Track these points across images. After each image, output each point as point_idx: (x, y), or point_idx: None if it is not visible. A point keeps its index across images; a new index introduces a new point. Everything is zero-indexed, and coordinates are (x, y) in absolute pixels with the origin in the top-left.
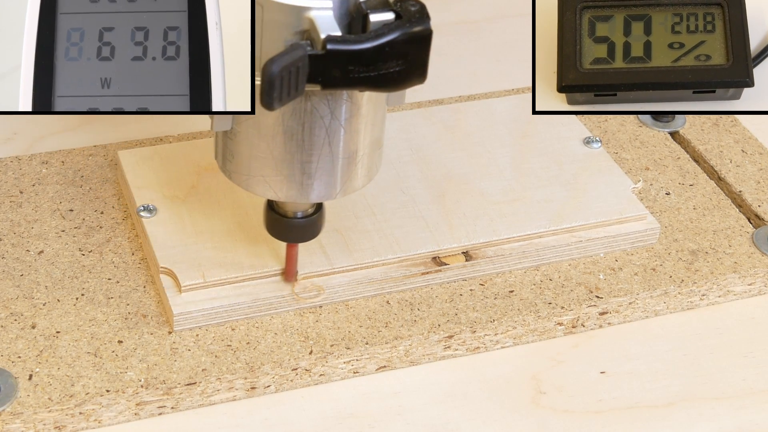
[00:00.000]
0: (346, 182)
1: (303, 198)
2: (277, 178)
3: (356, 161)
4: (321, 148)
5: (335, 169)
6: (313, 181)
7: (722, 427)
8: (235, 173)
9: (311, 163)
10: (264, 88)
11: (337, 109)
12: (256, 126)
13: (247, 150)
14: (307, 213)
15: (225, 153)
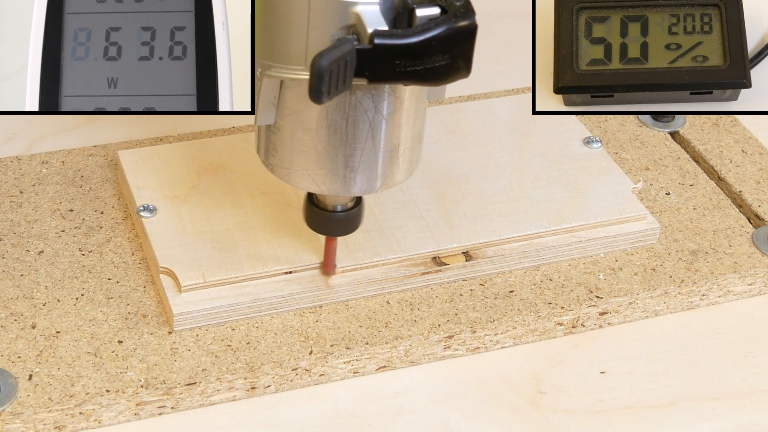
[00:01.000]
0: (387, 176)
1: (345, 191)
2: (320, 171)
3: (398, 155)
4: (364, 141)
5: (378, 162)
6: (356, 174)
7: (722, 427)
8: (278, 167)
9: (354, 156)
10: (313, 81)
11: (381, 103)
12: (301, 120)
13: (291, 144)
14: (347, 207)
15: (268, 147)
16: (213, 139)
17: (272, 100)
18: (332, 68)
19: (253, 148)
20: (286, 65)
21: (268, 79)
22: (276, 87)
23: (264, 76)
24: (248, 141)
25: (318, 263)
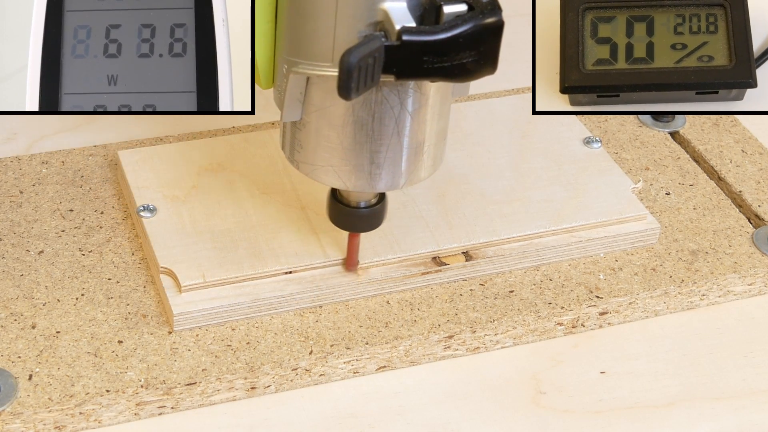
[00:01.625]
0: (412, 172)
1: (370, 187)
2: (345, 167)
3: (423, 151)
4: (390, 138)
5: (403, 159)
6: (381, 170)
7: (722, 427)
8: (303, 163)
9: (380, 152)
10: (342, 78)
11: (407, 99)
12: (327, 116)
13: (317, 140)
14: (371, 203)
15: (293, 143)
16: (213, 139)
17: (298, 96)
18: (361, 65)
19: (254, 148)
20: (313, 62)
21: (295, 75)
22: (302, 83)
23: (290, 73)
24: (248, 141)
25: (318, 263)
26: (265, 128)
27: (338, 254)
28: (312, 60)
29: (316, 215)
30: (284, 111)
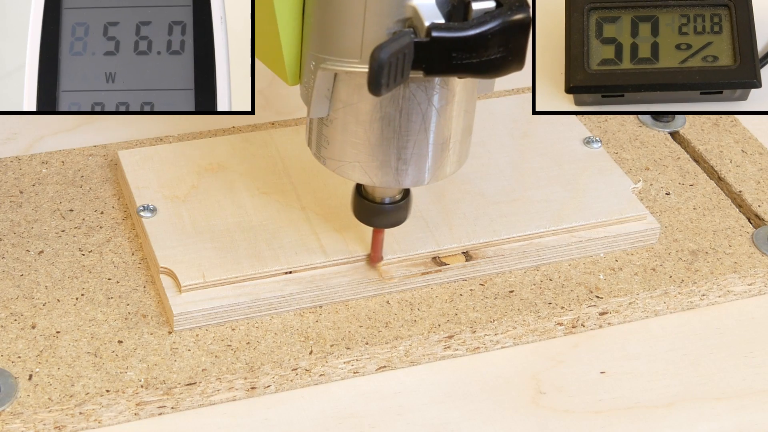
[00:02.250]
0: (438, 168)
1: (397, 183)
2: (372, 163)
3: (449, 147)
4: (417, 134)
5: (429, 155)
6: (407, 166)
7: (722, 427)
8: (330, 159)
9: (407, 149)
10: (372, 74)
11: (434, 95)
12: (354, 112)
13: (343, 136)
14: (395, 199)
15: (319, 139)
16: (213, 139)
17: (326, 92)
18: (391, 61)
19: (254, 148)
20: (341, 58)
21: (323, 72)
22: (330, 80)
23: (318, 69)
24: (248, 141)
25: (318, 263)
26: (265, 128)
27: (338, 254)
28: (340, 56)
29: (316, 215)
30: (311, 107)
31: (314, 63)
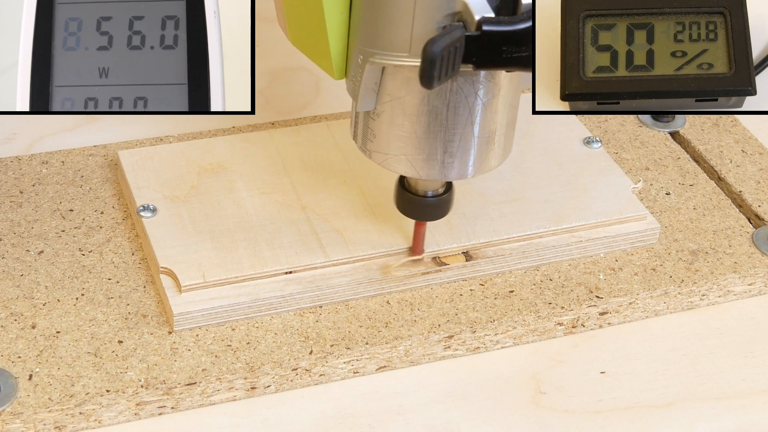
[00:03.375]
0: (483, 162)
1: (442, 176)
2: (418, 156)
3: (494, 141)
4: (464, 127)
5: (474, 148)
6: (453, 160)
7: (722, 427)
8: (376, 152)
9: (453, 142)
10: (425, 67)
11: (481, 89)
12: (401, 106)
13: (390, 129)
14: (438, 192)
15: (365, 133)
16: (213, 139)
17: (373, 86)
18: (443, 54)
19: (254, 148)
20: (390, 52)
21: (371, 65)
22: (378, 74)
23: (366, 63)
24: (248, 141)
25: (318, 263)
26: (265, 128)
27: (338, 255)
28: (389, 50)
29: (316, 215)
30: (359, 101)
31: (362, 57)
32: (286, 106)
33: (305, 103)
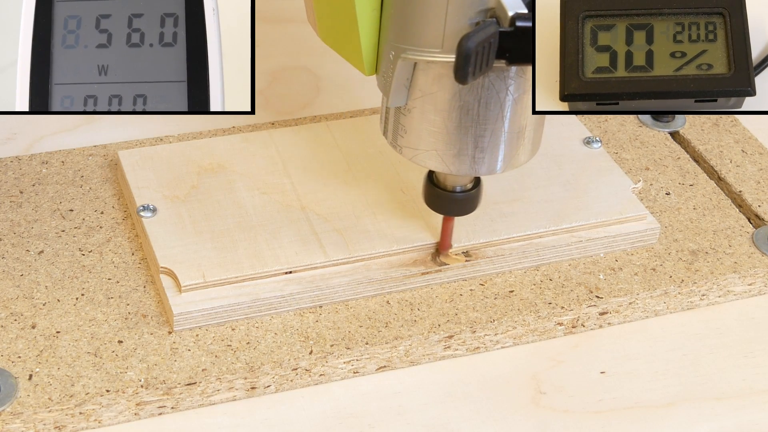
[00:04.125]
0: (513, 157)
1: (472, 171)
2: (449, 152)
3: (524, 136)
4: (495, 122)
5: (505, 143)
6: (484, 155)
7: (722, 427)
8: (406, 148)
9: (484, 137)
10: (459, 63)
11: (512, 84)
12: (433, 101)
13: (421, 125)
14: (466, 188)
15: (396, 128)
16: (213, 139)
17: (405, 82)
18: (477, 50)
19: (254, 148)
20: (422, 48)
21: (403, 61)
22: (409, 70)
23: (398, 59)
24: (248, 141)
25: (318, 263)
26: (265, 128)
27: (338, 255)
28: (421, 46)
29: (316, 215)
30: (390, 96)
31: (393, 53)
32: (286, 106)
33: (305, 103)
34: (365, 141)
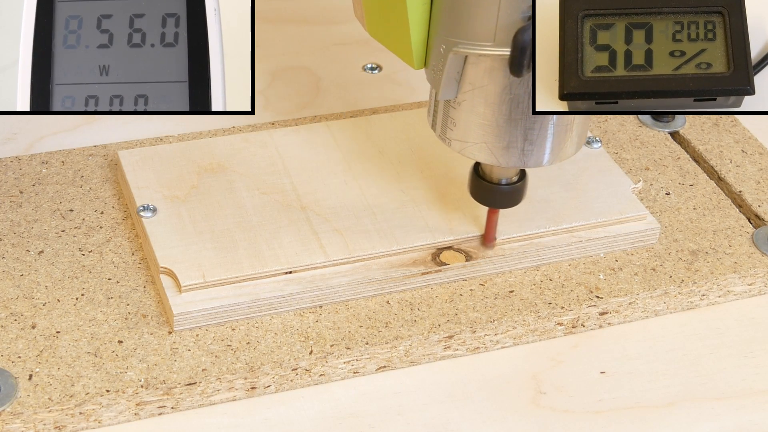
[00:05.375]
0: (561, 150)
1: (521, 163)
2: (499, 144)
3: (572, 129)
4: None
5: (553, 136)
6: (533, 147)
7: (722, 427)
8: (455, 140)
9: (534, 129)
10: (515, 55)
11: None
12: (483, 94)
13: (471, 117)
14: (512, 180)
15: (445, 121)
16: (213, 139)
17: (455, 75)
18: (533, 43)
19: (254, 148)
20: (474, 42)
21: (454, 55)
22: (460, 63)
23: (450, 53)
24: (248, 141)
25: (318, 263)
26: (265, 128)
27: (338, 255)
28: (473, 40)
29: (316, 215)
30: (441, 90)
31: (444, 47)
32: (286, 106)
33: (305, 103)
34: (365, 141)
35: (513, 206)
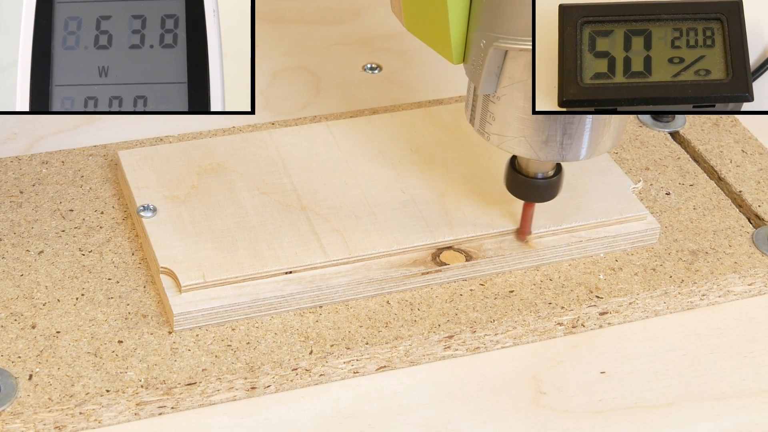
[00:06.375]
0: (598, 144)
1: (560, 157)
2: (538, 138)
3: (610, 123)
4: None
5: (592, 130)
6: (572, 141)
7: (722, 427)
8: (494, 134)
9: (572, 123)
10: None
11: None
12: (523, 89)
13: (511, 112)
14: (548, 175)
15: (484, 116)
16: (213, 139)
17: (495, 70)
18: None
19: (254, 148)
20: (514, 36)
21: (495, 50)
22: (500, 58)
23: (490, 48)
24: (248, 141)
25: (318, 263)
26: (265, 128)
27: (338, 255)
28: (513, 35)
29: (316, 215)
30: (481, 84)
31: (485, 42)
32: (286, 106)
33: (305, 103)
34: (365, 141)
35: (549, 200)
